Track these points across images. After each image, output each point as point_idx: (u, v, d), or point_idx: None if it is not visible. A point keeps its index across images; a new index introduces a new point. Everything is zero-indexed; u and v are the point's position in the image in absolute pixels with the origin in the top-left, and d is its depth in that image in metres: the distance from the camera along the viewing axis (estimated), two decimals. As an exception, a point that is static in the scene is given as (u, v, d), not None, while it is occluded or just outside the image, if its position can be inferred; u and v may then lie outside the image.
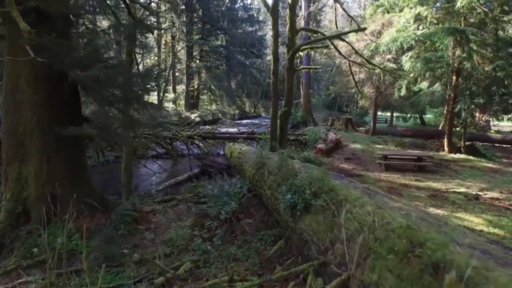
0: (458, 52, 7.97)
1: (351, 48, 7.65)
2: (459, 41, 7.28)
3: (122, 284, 2.62)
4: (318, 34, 7.41)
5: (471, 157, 8.49)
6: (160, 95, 20.65)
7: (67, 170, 3.82)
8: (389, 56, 10.33)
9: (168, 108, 21.00)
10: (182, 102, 24.05)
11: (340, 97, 25.59)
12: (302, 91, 18.63)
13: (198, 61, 24.43)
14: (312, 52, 20.59)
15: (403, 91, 9.45)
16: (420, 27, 8.79)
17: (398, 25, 9.18)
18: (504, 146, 11.53)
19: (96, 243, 3.37)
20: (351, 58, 8.58)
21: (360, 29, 6.75)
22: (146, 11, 5.10)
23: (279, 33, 6.76)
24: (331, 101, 26.66)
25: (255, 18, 25.47)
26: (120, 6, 6.37)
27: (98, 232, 3.62)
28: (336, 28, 8.50)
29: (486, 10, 7.28)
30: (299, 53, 7.11)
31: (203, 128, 12.81)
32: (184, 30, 22.28)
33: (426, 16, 8.73)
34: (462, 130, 9.59)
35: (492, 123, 16.00)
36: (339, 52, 7.68)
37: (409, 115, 17.60)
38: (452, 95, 8.50)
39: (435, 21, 8.78)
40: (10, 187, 3.58)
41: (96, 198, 4.13)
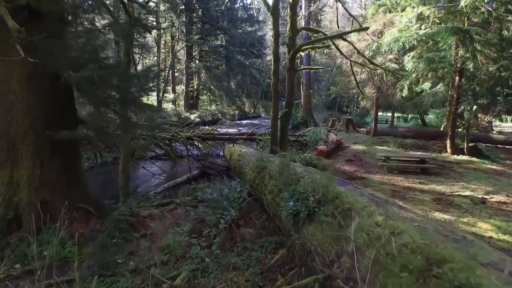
0: (461, 52, 7.85)
1: (353, 48, 7.53)
2: (463, 41, 7.15)
3: (115, 295, 2.49)
4: (319, 34, 7.28)
5: (474, 158, 8.37)
6: (160, 96, 20.52)
7: (61, 174, 3.69)
8: (390, 56, 10.22)
9: (167, 108, 20.87)
10: (181, 103, 23.92)
11: (341, 97, 25.49)
12: (302, 91, 18.50)
13: (197, 61, 24.31)
14: (313, 52, 20.49)
15: (405, 91, 9.32)
16: (423, 27, 8.66)
17: (400, 24, 9.06)
18: (507, 147, 11.41)
19: (90, 251, 3.24)
20: (352, 58, 8.46)
21: (362, 28, 6.63)
22: (143, 9, 4.96)
23: (279, 33, 6.63)
24: (331, 101, 26.55)
25: (255, 18, 25.36)
26: (118, 6, 6.27)
27: (93, 238, 3.49)
28: (338, 27, 8.38)
29: (490, 9, 7.16)
30: (300, 53, 6.98)
31: (203, 128, 12.68)
32: (184, 30, 22.16)
33: (429, 16, 8.61)
34: (464, 131, 9.47)
35: (493, 124, 15.87)
36: (341, 52, 7.55)
37: (410, 116, 17.48)
38: (455, 95, 8.37)
39: (437, 20, 8.66)
40: (1, 192, 3.45)
41: (91, 203, 4.00)
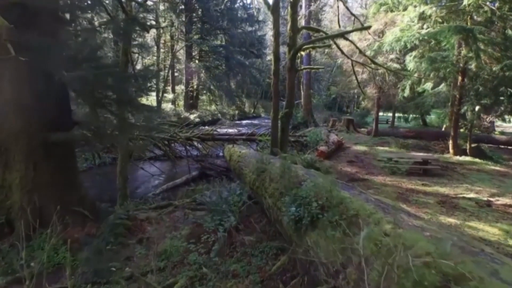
0: (464, 52, 7.74)
1: (354, 47, 7.42)
2: (466, 40, 7.04)
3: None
4: (320, 33, 7.17)
5: (477, 159, 8.27)
6: (159, 96, 20.41)
7: (55, 177, 3.58)
8: (392, 56, 10.11)
9: (167, 108, 20.76)
10: (181, 103, 23.80)
11: (341, 97, 25.38)
12: (302, 91, 18.39)
13: (197, 61, 24.19)
14: (313, 52, 20.38)
15: (406, 91, 9.22)
16: (425, 26, 8.56)
17: (402, 24, 8.95)
18: (510, 148, 11.29)
19: (84, 256, 3.13)
20: (353, 58, 8.36)
21: (364, 27, 6.52)
22: (141, 8, 4.85)
23: (279, 32, 6.52)
24: (332, 101, 26.44)
25: (255, 17, 25.23)
26: (116, 5, 6.15)
27: (88, 243, 3.39)
28: (339, 27, 8.27)
29: (494, 8, 7.05)
30: (301, 52, 6.87)
31: (202, 129, 12.56)
32: (183, 29, 22.04)
33: (430, 15, 8.50)
34: (467, 131, 9.37)
35: (495, 124, 15.75)
36: (342, 51, 7.44)
37: (411, 116, 17.37)
38: (457, 96, 8.27)
39: (439, 20, 8.55)
40: (-7, 196, 3.35)
41: (86, 206, 3.90)
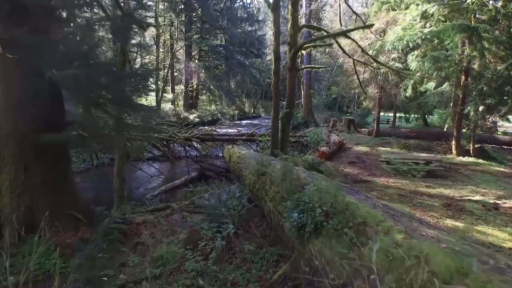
0: (468, 51, 7.61)
1: (355, 47, 7.31)
2: (470, 38, 6.91)
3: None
4: (322, 32, 7.04)
5: (480, 160, 8.13)
6: (159, 96, 20.30)
7: (48, 179, 3.44)
8: (394, 55, 9.98)
9: (166, 108, 20.63)
10: (181, 103, 23.68)
11: (341, 97, 25.27)
12: (302, 91, 18.26)
13: (197, 60, 24.06)
14: (313, 52, 20.24)
15: (409, 91, 9.09)
16: (427, 25, 8.43)
17: (404, 22, 8.83)
18: (513, 148, 11.18)
19: (76, 263, 3.00)
20: (354, 57, 8.22)
21: (367, 25, 6.39)
22: (138, 4, 4.72)
23: (280, 30, 6.39)
24: (332, 101, 26.34)
25: (254, 17, 25.11)
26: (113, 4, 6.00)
27: (81, 248, 3.25)
28: (340, 25, 8.15)
29: (498, 6, 6.92)
30: (302, 51, 6.74)
31: (202, 129, 12.46)
32: (183, 29, 21.91)
33: (433, 14, 8.38)
34: (469, 132, 9.24)
35: (497, 124, 15.63)
36: (343, 50, 7.31)
37: (412, 116, 17.25)
38: (460, 95, 8.14)
39: (442, 18, 8.43)
40: (-19, 199, 3.21)
41: (81, 209, 3.76)
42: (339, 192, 2.14)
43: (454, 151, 8.77)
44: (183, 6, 21.68)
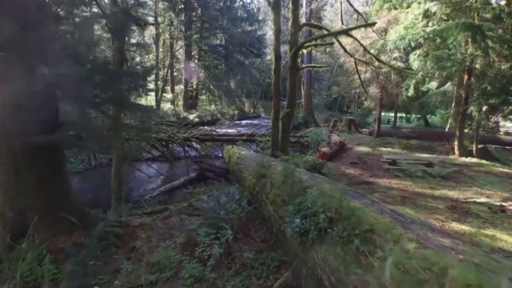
0: (471, 50, 7.49)
1: (356, 46, 7.19)
2: (474, 37, 6.79)
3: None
4: (323, 31, 6.92)
5: (484, 161, 8.01)
6: (158, 95, 20.19)
7: (41, 181, 3.32)
8: (396, 54, 9.85)
9: (165, 108, 20.51)
10: (180, 102, 23.57)
11: (341, 97, 25.15)
12: (303, 91, 18.14)
13: (196, 60, 23.94)
14: (314, 51, 20.12)
15: (411, 91, 8.97)
16: (430, 24, 8.31)
17: (406, 21, 8.71)
18: (515, 148, 11.05)
19: (68, 269, 2.88)
20: (356, 56, 8.11)
21: (369, 24, 6.27)
22: (135, 2, 4.61)
23: (280, 28, 6.27)
24: (332, 101, 26.23)
25: (254, 17, 24.98)
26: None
27: (74, 253, 3.14)
28: (342, 24, 8.03)
29: (502, 4, 6.81)
30: (303, 50, 6.62)
31: (201, 129, 12.35)
32: (183, 29, 21.79)
33: (435, 12, 8.26)
34: (471, 132, 9.11)
35: (499, 124, 15.50)
36: (345, 49, 7.19)
37: (413, 116, 17.14)
38: (463, 95, 8.02)
39: (445, 17, 8.31)
40: (-29, 203, 3.09)
41: (75, 212, 3.63)
42: (344, 196, 2.02)
43: (456, 152, 8.65)
44: (182, 6, 21.56)
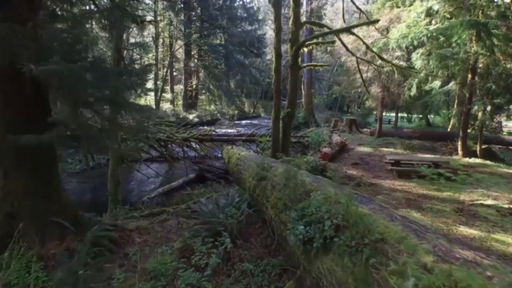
0: (475, 48, 7.35)
1: (358, 45, 7.05)
2: (478, 35, 6.65)
3: None
4: (324, 28, 6.79)
5: (488, 161, 7.87)
6: (158, 95, 20.06)
7: (31, 184, 3.17)
8: (398, 53, 9.71)
9: (164, 108, 20.38)
10: (180, 102, 23.43)
11: (342, 97, 25.00)
12: (303, 90, 17.99)
13: (196, 60, 23.80)
14: (314, 50, 19.97)
15: (413, 90, 8.82)
16: (433, 22, 8.17)
17: (408, 20, 8.57)
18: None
19: (58, 277, 2.73)
20: (357, 55, 7.96)
21: (372, 21, 6.14)
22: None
23: (281, 26, 6.13)
24: (333, 101, 26.08)
25: (254, 16, 24.84)
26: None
27: (66, 259, 2.99)
28: (343, 22, 7.89)
29: (507, 2, 6.67)
30: (304, 48, 6.48)
31: (201, 129, 12.22)
32: (182, 28, 21.65)
33: (438, 11, 8.13)
34: (474, 132, 8.98)
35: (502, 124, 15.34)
36: (347, 48, 7.04)
37: (414, 116, 17.00)
38: (467, 94, 7.88)
39: (448, 15, 8.17)
40: (-43, 207, 2.95)
41: (68, 216, 3.49)
42: (351, 202, 1.88)
43: (460, 152, 8.50)
44: (182, 5, 21.42)
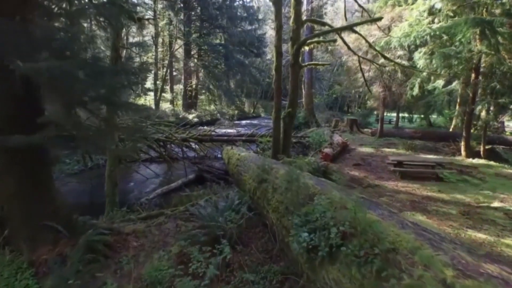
0: (479, 47, 7.23)
1: (359, 44, 6.93)
2: (483, 33, 6.51)
3: None
4: (326, 27, 6.66)
5: (492, 162, 7.74)
6: (157, 95, 19.94)
7: (22, 187, 3.05)
8: (400, 52, 9.57)
9: (163, 107, 20.26)
10: (180, 102, 23.31)
11: (342, 97, 24.87)
12: (304, 90, 17.84)
13: (196, 60, 23.67)
14: (314, 50, 19.83)
15: (415, 90, 8.69)
16: (436, 21, 8.05)
17: (411, 18, 8.44)
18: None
19: (49, 285, 2.61)
20: (359, 54, 7.84)
21: (375, 19, 6.01)
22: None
23: (282, 24, 6.01)
24: (333, 101, 25.94)
25: (254, 16, 24.71)
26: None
27: (59, 265, 2.87)
28: (345, 20, 7.76)
29: (513, -1, 6.54)
30: (305, 47, 6.36)
31: (201, 129, 12.09)
32: (182, 28, 21.52)
33: (441, 9, 8.00)
34: (476, 132, 8.84)
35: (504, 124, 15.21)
36: (348, 47, 6.92)
37: (415, 116, 16.86)
38: (471, 94, 7.75)
39: (451, 14, 8.05)
40: None
41: (61, 220, 3.35)
42: (359, 208, 1.75)
43: (463, 153, 8.37)
44: (182, 5, 21.30)
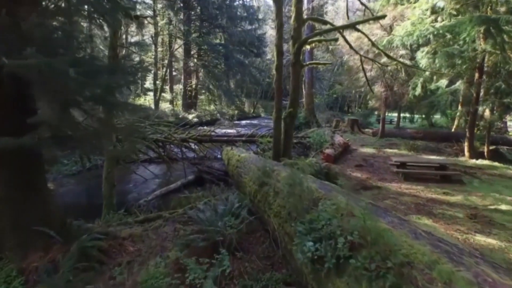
0: (483, 45, 7.10)
1: (360, 43, 6.80)
2: (488, 32, 6.39)
3: None
4: (327, 25, 6.52)
5: (496, 163, 7.61)
6: (157, 95, 19.82)
7: (12, 191, 2.91)
8: (402, 52, 9.44)
9: (163, 107, 20.14)
10: (179, 102, 23.18)
11: (343, 97, 24.75)
12: (304, 90, 17.71)
13: (196, 59, 23.54)
14: (315, 50, 19.71)
15: (418, 90, 8.56)
16: (439, 19, 7.92)
17: (413, 17, 8.32)
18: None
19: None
20: (361, 53, 7.71)
21: (378, 17, 5.88)
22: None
23: (283, 22, 5.88)
24: (334, 101, 25.82)
25: (254, 15, 24.58)
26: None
27: (50, 273, 2.74)
28: (347, 19, 7.63)
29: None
30: (306, 46, 6.23)
31: (200, 129, 11.96)
32: (182, 27, 21.40)
33: (444, 8, 7.87)
34: (479, 132, 8.72)
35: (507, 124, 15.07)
36: (350, 45, 6.78)
37: (417, 116, 16.73)
38: (474, 94, 7.62)
39: (454, 12, 7.92)
40: None
41: (54, 224, 3.23)
42: (368, 216, 1.62)
43: (466, 154, 8.24)
44: (181, 4, 21.17)
